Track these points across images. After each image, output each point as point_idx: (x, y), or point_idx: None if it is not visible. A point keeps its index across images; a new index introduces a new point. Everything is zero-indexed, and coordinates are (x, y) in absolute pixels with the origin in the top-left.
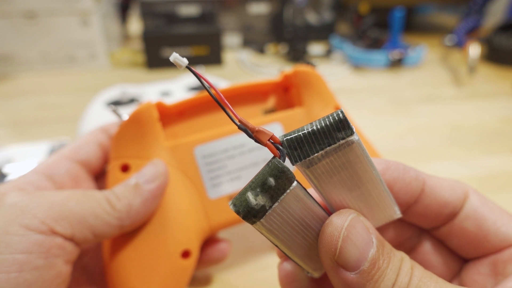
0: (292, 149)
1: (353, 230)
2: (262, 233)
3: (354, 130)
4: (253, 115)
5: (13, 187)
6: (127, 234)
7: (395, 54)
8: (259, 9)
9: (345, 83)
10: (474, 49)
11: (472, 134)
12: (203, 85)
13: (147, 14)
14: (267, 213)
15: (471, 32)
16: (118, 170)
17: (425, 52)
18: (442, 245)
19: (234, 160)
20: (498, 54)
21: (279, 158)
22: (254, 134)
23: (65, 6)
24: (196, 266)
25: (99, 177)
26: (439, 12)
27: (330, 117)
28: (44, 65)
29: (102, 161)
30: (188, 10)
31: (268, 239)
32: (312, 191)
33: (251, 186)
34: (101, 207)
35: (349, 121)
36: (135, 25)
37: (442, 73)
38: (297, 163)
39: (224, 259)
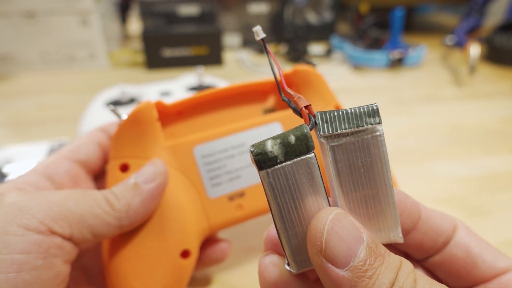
0: (323, 121)
1: (338, 223)
2: (263, 186)
3: (382, 122)
4: (252, 115)
5: (12, 187)
6: (126, 233)
7: (395, 54)
8: (259, 9)
9: (345, 83)
10: (474, 49)
11: (472, 134)
12: (269, 61)
13: (147, 14)
14: (276, 166)
15: (472, 32)
16: (117, 169)
17: (425, 52)
18: (431, 274)
19: (234, 160)
20: (499, 54)
21: (308, 125)
22: (294, 99)
23: (65, 6)
24: (196, 266)
25: (99, 177)
26: (439, 12)
27: (365, 106)
28: (44, 65)
29: (101, 161)
30: (188, 10)
31: (267, 197)
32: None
33: (274, 137)
34: (100, 206)
35: (379, 114)
36: (135, 25)
37: (442, 73)
38: (323, 135)
39: (224, 259)
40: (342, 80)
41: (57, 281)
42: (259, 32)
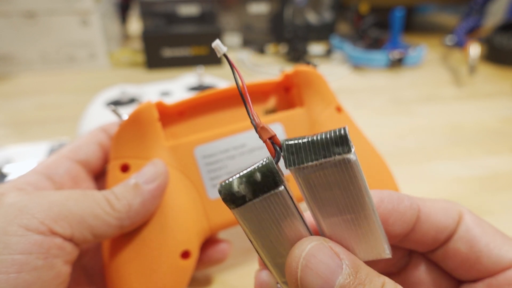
0: (289, 153)
1: (312, 259)
2: (238, 222)
3: (353, 149)
4: None
5: (12, 187)
6: (127, 234)
7: (395, 54)
8: (259, 9)
9: (345, 83)
10: (474, 49)
11: (472, 134)
12: (234, 75)
13: (147, 14)
14: (245, 204)
15: (471, 32)
16: (117, 170)
17: (425, 52)
18: (436, 266)
19: (235, 161)
20: (498, 54)
21: (274, 158)
22: (258, 130)
23: (65, 6)
24: (196, 266)
25: (99, 177)
26: (439, 12)
27: (332, 131)
28: (44, 65)
29: (102, 161)
30: (188, 10)
31: (244, 231)
32: (304, 207)
33: (240, 175)
34: (101, 207)
35: (350, 140)
36: (135, 25)
37: (442, 73)
38: (291, 168)
39: (224, 260)
40: (342, 80)
41: (57, 281)
42: (219, 48)
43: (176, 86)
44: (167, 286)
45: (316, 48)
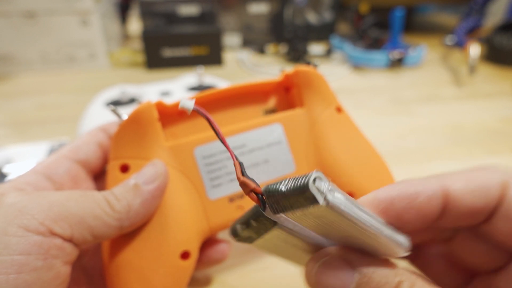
0: (270, 201)
1: (323, 276)
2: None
3: (322, 198)
4: (253, 116)
5: (11, 187)
6: (126, 234)
7: (395, 54)
8: (259, 9)
9: (345, 83)
10: (474, 49)
11: (472, 134)
12: (214, 130)
13: (147, 14)
14: (255, 241)
15: (471, 32)
16: (117, 170)
17: (425, 52)
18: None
19: None
20: (499, 54)
21: (261, 206)
22: (239, 183)
23: (65, 6)
24: (196, 266)
25: (99, 177)
26: (439, 12)
27: (300, 181)
28: (44, 65)
29: (101, 161)
30: (188, 10)
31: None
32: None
33: (240, 221)
34: (100, 207)
35: (317, 189)
36: (135, 25)
37: (442, 73)
38: (277, 215)
39: (224, 260)
40: (342, 80)
41: (57, 282)
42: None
43: (176, 86)
44: (167, 287)
45: (316, 48)
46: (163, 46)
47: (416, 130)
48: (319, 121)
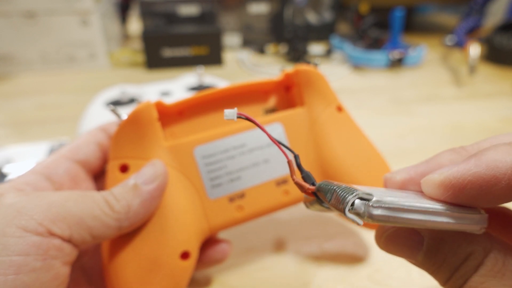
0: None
1: (391, 243)
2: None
3: (362, 220)
4: (253, 115)
5: (10, 187)
6: (126, 235)
7: (395, 54)
8: (259, 9)
9: (345, 83)
10: (474, 49)
11: (472, 134)
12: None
13: (147, 14)
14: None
15: (471, 32)
16: (117, 170)
17: (425, 52)
18: None
19: (234, 161)
20: (498, 54)
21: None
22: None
23: (65, 6)
24: (196, 266)
25: (99, 177)
26: (439, 12)
27: (340, 205)
28: (44, 65)
29: (101, 161)
30: (188, 10)
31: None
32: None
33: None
34: (100, 208)
35: (354, 214)
36: (135, 25)
37: (442, 73)
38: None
39: (225, 260)
40: (342, 80)
41: (56, 282)
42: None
43: (176, 86)
44: (167, 287)
45: (316, 48)
46: (163, 46)
47: (416, 130)
48: (319, 120)
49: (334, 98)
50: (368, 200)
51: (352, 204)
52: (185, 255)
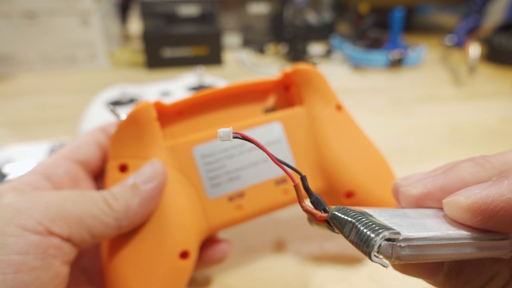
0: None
1: None
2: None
3: (388, 263)
4: (253, 114)
5: (10, 187)
6: (125, 234)
7: (395, 54)
8: (259, 9)
9: (345, 83)
10: (474, 49)
11: (472, 134)
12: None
13: (147, 14)
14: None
15: (471, 32)
16: (116, 170)
17: (425, 52)
18: None
19: (233, 160)
20: (498, 54)
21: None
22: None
23: (65, 6)
24: (196, 266)
25: (99, 177)
26: (439, 12)
27: (363, 248)
28: (44, 65)
29: (101, 161)
30: (188, 10)
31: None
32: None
33: (312, 221)
34: (99, 207)
35: (381, 258)
36: (135, 25)
37: (442, 73)
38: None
39: (224, 260)
40: (342, 80)
41: (55, 281)
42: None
43: (176, 86)
44: (166, 287)
45: (316, 48)
46: (163, 46)
47: (416, 130)
48: (318, 119)
49: (333, 97)
50: (394, 240)
51: (379, 247)
52: (184, 255)
